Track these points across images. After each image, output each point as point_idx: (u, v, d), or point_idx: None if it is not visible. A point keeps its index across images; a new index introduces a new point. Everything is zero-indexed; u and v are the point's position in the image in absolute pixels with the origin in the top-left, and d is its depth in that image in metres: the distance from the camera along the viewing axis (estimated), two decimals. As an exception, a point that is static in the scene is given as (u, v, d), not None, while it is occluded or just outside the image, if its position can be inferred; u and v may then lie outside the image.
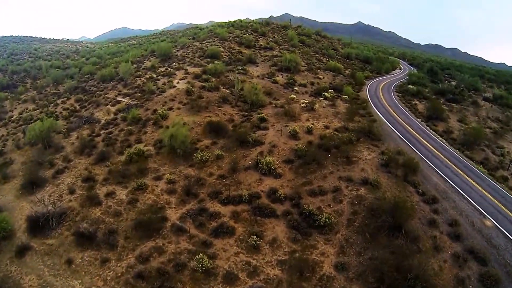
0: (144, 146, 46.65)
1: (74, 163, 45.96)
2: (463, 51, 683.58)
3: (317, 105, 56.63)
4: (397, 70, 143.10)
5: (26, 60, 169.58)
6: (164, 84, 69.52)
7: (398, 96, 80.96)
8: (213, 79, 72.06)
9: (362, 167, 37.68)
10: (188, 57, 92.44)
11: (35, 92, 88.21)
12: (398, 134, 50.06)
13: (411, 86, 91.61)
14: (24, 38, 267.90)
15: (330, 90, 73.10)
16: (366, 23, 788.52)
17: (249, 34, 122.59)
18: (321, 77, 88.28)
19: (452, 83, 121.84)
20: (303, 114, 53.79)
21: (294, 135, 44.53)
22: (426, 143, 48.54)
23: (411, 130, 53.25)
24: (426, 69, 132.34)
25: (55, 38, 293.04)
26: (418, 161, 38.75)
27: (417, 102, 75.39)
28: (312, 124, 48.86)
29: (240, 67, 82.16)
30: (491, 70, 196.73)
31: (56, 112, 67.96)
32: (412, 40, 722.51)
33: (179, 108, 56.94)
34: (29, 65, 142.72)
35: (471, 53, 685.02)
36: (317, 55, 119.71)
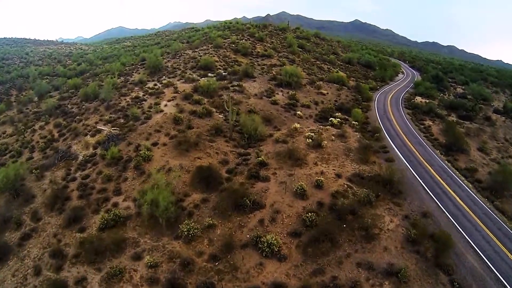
0: (123, 200, 38.75)
1: (43, 223, 38.26)
2: (460, 48, 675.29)
3: (324, 141, 48.57)
4: (400, 76, 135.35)
5: (17, 65, 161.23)
6: (150, 107, 61.36)
7: (408, 114, 73.26)
8: (205, 100, 64.02)
9: (385, 246, 29.91)
10: (180, 69, 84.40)
11: (15, 111, 79.96)
12: (420, 181, 42.09)
13: (420, 100, 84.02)
14: (17, 40, 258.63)
15: (336, 113, 65.27)
16: (363, 21, 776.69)
17: (245, 39, 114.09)
18: (325, 92, 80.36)
19: (458, 89, 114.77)
20: (309, 154, 45.71)
21: (301, 194, 36.40)
22: (453, 193, 40.59)
23: (434, 172, 45.32)
24: (431, 75, 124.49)
25: (49, 39, 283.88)
26: (450, 236, 30.75)
27: (431, 123, 67.66)
28: (321, 172, 40.82)
29: (235, 83, 73.88)
30: (492, 71, 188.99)
31: (32, 141, 59.89)
32: (409, 38, 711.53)
33: (165, 144, 48.67)
34: (17, 73, 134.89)
35: (468, 51, 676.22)
36: (317, 62, 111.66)
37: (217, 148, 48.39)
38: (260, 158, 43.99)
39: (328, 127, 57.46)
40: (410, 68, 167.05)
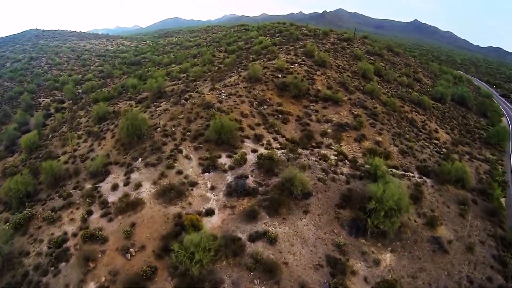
0: None
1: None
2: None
3: None
4: (504, 120, 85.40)
5: (41, 68, 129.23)
6: None
7: None
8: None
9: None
10: (173, 140, 43.66)
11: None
12: None
13: None
14: (63, 33, 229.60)
15: None
16: (423, 21, 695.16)
17: (299, 63, 69.88)
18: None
19: None
20: None
21: None
22: None
23: None
24: None
25: (94, 31, 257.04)
26: None
27: None
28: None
29: (259, 229, 32.10)
30: None
31: None
32: (470, 41, 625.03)
33: None
34: (32, 86, 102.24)
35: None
36: (405, 108, 65.91)
37: None
38: None
39: None
40: (504, 101, 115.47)
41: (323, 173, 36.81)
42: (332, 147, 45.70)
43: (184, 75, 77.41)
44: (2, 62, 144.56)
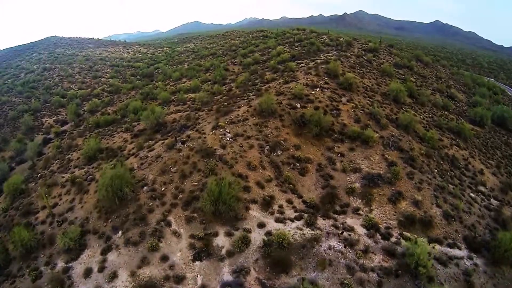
0: None
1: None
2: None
3: None
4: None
5: (53, 80, 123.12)
6: None
7: None
8: None
9: None
10: (163, 204, 34.60)
11: None
12: None
13: None
14: (80, 40, 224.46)
15: None
16: (444, 22, 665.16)
17: (320, 87, 58.71)
18: None
19: None
20: None
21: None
22: None
23: None
24: None
25: (115, 36, 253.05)
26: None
27: None
28: None
29: None
30: None
31: None
32: (493, 41, 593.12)
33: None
34: (36, 105, 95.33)
35: None
36: (445, 141, 54.55)
37: None
38: None
39: None
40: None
41: (348, 273, 26.32)
42: (361, 212, 35.24)
43: (191, 97, 67.85)
44: (17, 72, 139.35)
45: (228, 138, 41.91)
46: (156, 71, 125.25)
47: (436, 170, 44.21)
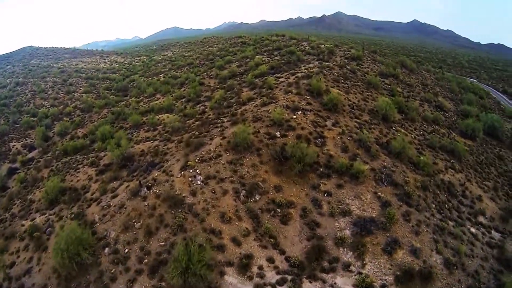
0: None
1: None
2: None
3: None
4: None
5: (25, 96, 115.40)
6: None
7: None
8: None
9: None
10: (127, 271, 29.00)
11: None
12: None
13: None
14: (56, 50, 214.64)
15: None
16: (422, 21, 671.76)
17: (301, 110, 52.92)
18: None
19: None
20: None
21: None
22: None
23: None
24: None
25: (94, 44, 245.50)
26: None
27: None
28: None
29: None
30: None
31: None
32: (471, 39, 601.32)
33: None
34: (3, 127, 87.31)
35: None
36: (434, 154, 50.05)
37: None
38: None
39: None
40: None
41: None
42: (352, 268, 29.85)
43: (163, 120, 61.78)
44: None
45: (198, 182, 35.88)
46: (131, 84, 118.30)
47: (433, 205, 39.25)
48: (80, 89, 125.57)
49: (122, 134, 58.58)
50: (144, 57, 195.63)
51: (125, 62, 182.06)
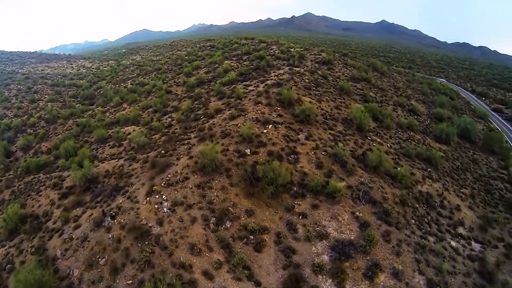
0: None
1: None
2: (492, 49, 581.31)
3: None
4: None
5: None
6: None
7: None
8: None
9: None
10: None
11: None
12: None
13: None
14: (22, 54, 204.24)
15: None
16: (390, 21, 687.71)
17: (274, 118, 50.58)
18: None
19: None
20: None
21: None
22: None
23: None
24: None
25: (63, 47, 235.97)
26: None
27: None
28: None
29: None
30: None
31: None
32: (438, 39, 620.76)
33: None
34: None
35: (501, 51, 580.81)
36: (411, 163, 48.95)
37: None
38: None
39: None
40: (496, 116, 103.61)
41: None
42: (334, 302, 27.35)
43: (128, 135, 58.04)
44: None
45: (165, 210, 32.71)
46: (98, 91, 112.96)
47: (413, 221, 37.62)
48: (45, 97, 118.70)
49: (86, 151, 54.47)
50: (112, 61, 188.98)
51: (92, 67, 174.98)
